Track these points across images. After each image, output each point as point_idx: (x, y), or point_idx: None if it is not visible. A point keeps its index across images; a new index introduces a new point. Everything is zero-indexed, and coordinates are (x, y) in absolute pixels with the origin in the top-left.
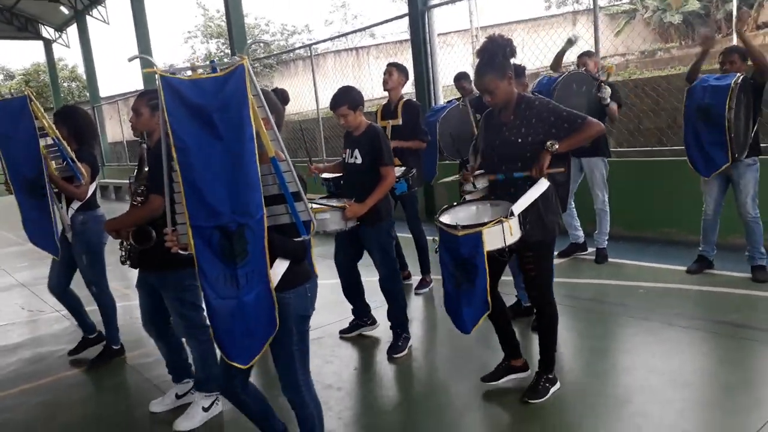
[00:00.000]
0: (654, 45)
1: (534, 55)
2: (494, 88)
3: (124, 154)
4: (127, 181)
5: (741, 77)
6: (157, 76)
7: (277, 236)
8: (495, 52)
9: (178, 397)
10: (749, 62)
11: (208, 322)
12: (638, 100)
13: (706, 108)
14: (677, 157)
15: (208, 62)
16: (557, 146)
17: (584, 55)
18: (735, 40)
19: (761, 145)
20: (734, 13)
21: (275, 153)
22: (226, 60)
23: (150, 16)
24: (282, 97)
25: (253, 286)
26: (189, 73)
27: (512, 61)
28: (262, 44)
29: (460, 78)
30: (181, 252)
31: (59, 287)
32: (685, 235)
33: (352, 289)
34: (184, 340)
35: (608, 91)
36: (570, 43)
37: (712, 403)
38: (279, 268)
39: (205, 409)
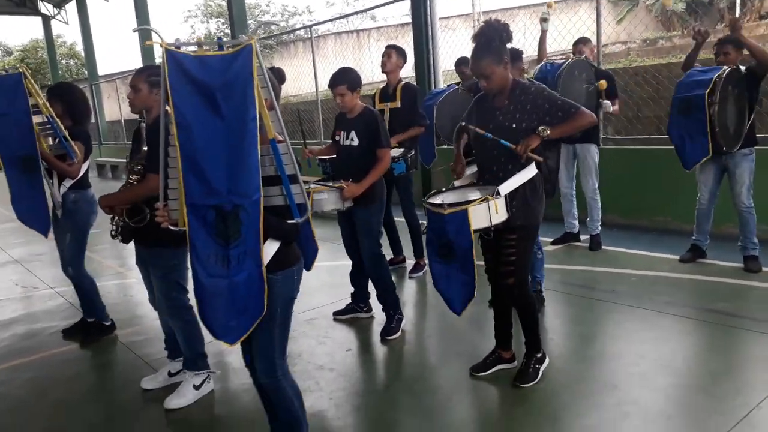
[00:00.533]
0: (656, 33)
1: (536, 40)
2: (490, 73)
3: (121, 133)
4: (125, 160)
5: (728, 70)
6: (162, 49)
7: (271, 218)
8: (491, 37)
9: (170, 375)
10: (745, 52)
11: (190, 303)
12: (638, 88)
13: (688, 101)
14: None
15: (213, 40)
16: (549, 132)
17: (579, 42)
18: None
19: (758, 135)
20: (738, 1)
21: (274, 135)
22: (229, 40)
23: None
24: (278, 75)
25: (245, 267)
26: (194, 49)
27: (509, 45)
28: (263, 25)
29: (461, 63)
30: (172, 228)
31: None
32: (679, 224)
33: (358, 274)
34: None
35: (608, 104)
36: (544, 21)
37: (699, 389)
38: (269, 249)
39: (197, 387)
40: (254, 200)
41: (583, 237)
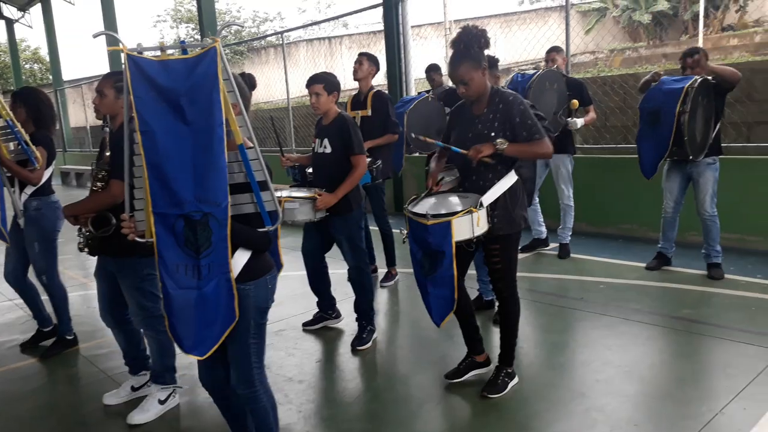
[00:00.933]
0: (623, 44)
1: (506, 50)
2: (469, 79)
3: (87, 140)
4: (90, 167)
5: (699, 80)
6: (123, 54)
7: (240, 226)
8: (470, 43)
9: (133, 389)
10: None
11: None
12: (606, 98)
13: (657, 110)
14: None
15: (178, 43)
16: (505, 147)
17: (553, 51)
18: (701, 42)
19: (722, 145)
20: (701, 14)
21: (243, 140)
22: (194, 43)
23: None
24: (249, 81)
25: (213, 277)
26: (158, 53)
27: (486, 52)
28: (233, 29)
29: (431, 70)
30: (139, 240)
31: (15, 276)
32: (646, 232)
33: (318, 282)
34: (142, 330)
35: (575, 122)
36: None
37: (664, 395)
38: (240, 259)
39: (162, 402)
40: (223, 207)
41: (551, 244)
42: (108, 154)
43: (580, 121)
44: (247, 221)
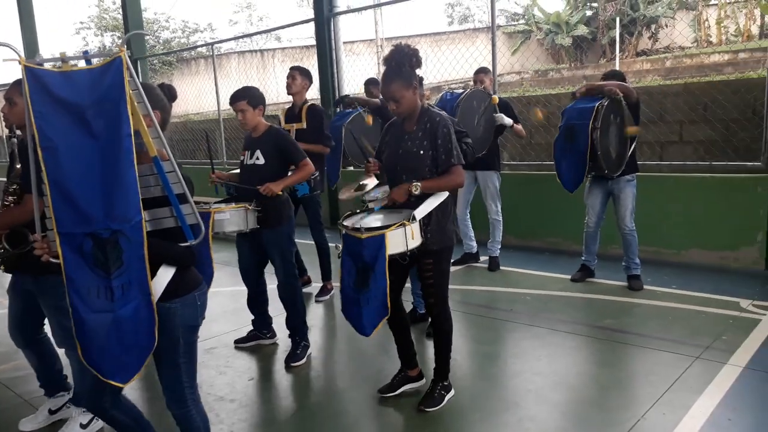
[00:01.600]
0: (547, 65)
1: (436, 68)
2: (400, 97)
3: (1, 150)
4: (3, 179)
5: (609, 100)
6: (21, 66)
7: (160, 242)
8: (402, 62)
9: (51, 412)
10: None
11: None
12: (531, 117)
13: (572, 127)
14: None
15: (80, 53)
16: (419, 188)
17: (480, 72)
18: (617, 65)
19: (649, 162)
20: (617, 39)
21: (158, 152)
22: (100, 52)
23: (37, 2)
24: (169, 93)
25: (131, 298)
26: (59, 64)
27: (417, 71)
28: (161, 39)
29: (370, 83)
30: (53, 260)
31: None
32: (570, 245)
33: (256, 299)
34: (62, 351)
35: (501, 117)
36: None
37: (591, 403)
38: (163, 276)
39: (84, 426)
40: (135, 224)
41: (481, 257)
42: (19, 166)
43: (508, 120)
44: (168, 235)
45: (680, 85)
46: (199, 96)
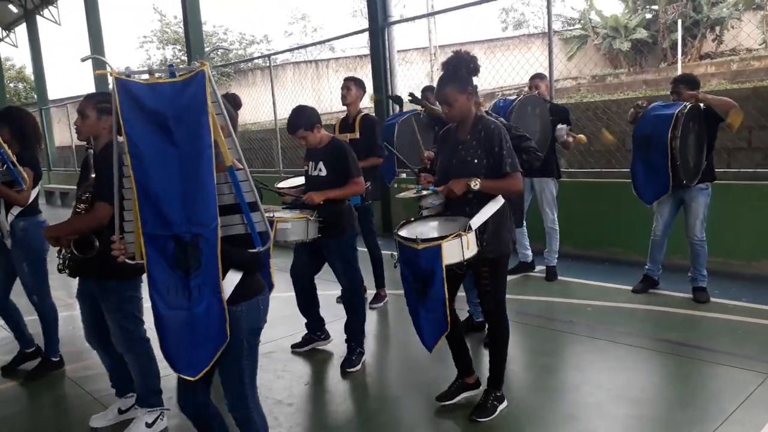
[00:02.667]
0: (604, 70)
1: (490, 75)
2: (453, 101)
3: (72, 159)
4: (75, 187)
5: (689, 106)
6: (111, 78)
7: (230, 247)
8: (459, 66)
9: (120, 412)
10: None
11: (147, 335)
12: (589, 123)
13: (649, 137)
14: (626, 179)
15: (165, 66)
16: (478, 185)
17: (536, 78)
18: (680, 69)
19: (716, 170)
20: (679, 42)
21: (232, 162)
22: (182, 66)
23: (104, 18)
24: (234, 102)
25: (204, 297)
26: (145, 76)
27: (474, 79)
28: (220, 51)
29: (426, 90)
30: (129, 261)
31: None
32: (631, 255)
33: (307, 303)
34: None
35: (564, 129)
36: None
37: (655, 419)
38: (231, 281)
39: (149, 425)
40: (212, 228)
41: (538, 267)
42: (93, 176)
43: (564, 128)
44: (237, 242)
45: (749, 89)
46: (255, 106)
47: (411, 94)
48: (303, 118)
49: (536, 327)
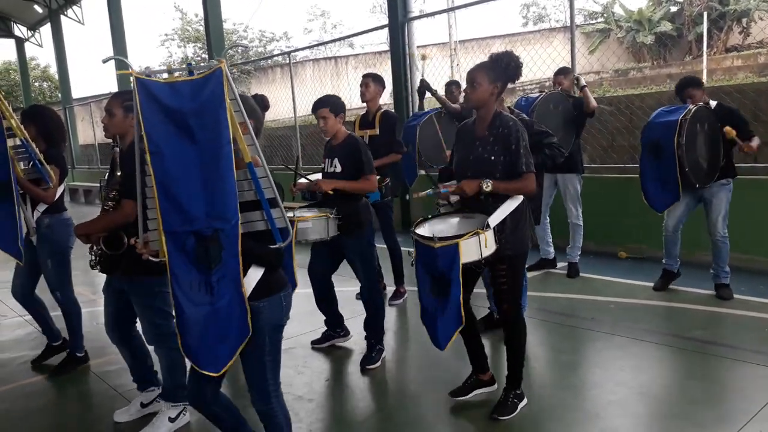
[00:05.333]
0: (628, 64)
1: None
2: (478, 83)
3: (95, 157)
4: (98, 185)
5: (693, 110)
6: (132, 78)
7: (252, 243)
8: (501, 58)
9: (143, 406)
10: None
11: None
12: (612, 118)
13: (657, 145)
14: None
15: (184, 65)
16: (490, 187)
17: (559, 73)
18: (705, 63)
19: (742, 165)
20: (705, 35)
21: (252, 158)
22: (202, 64)
23: (126, 16)
24: (262, 103)
25: (225, 293)
26: (165, 75)
27: (509, 85)
28: (240, 49)
29: (451, 84)
30: (152, 259)
31: (24, 292)
32: (655, 252)
33: (325, 300)
34: (152, 348)
35: (581, 80)
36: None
37: (679, 417)
38: (253, 276)
39: (172, 420)
40: (233, 224)
41: (559, 263)
42: (119, 174)
43: (583, 79)
44: (258, 238)
45: None
46: (275, 103)
47: (422, 81)
48: (332, 100)
49: (557, 324)
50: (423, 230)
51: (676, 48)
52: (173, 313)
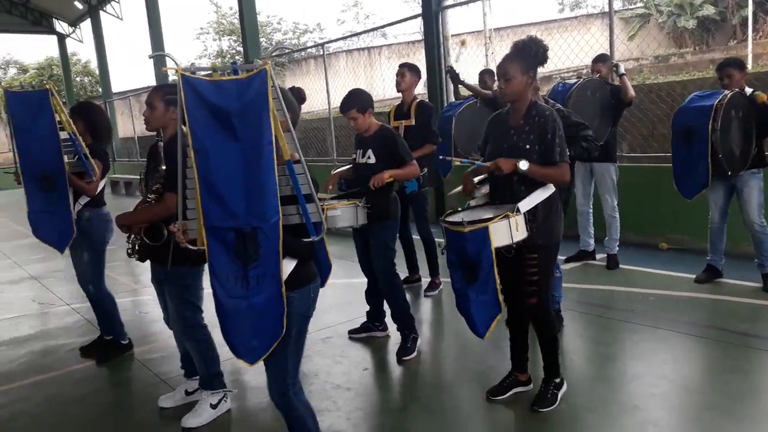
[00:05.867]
0: (668, 50)
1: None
2: (511, 77)
3: (135, 150)
4: (138, 177)
5: (729, 95)
6: (178, 74)
7: (287, 236)
8: (529, 47)
9: (187, 393)
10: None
11: (205, 322)
12: (653, 105)
13: (689, 130)
14: None
15: (229, 64)
16: (527, 167)
17: (598, 61)
18: (750, 47)
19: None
20: (750, 18)
21: (291, 155)
22: (240, 61)
23: (162, 11)
24: (299, 96)
25: (264, 288)
26: (209, 73)
27: (539, 69)
28: (274, 41)
29: (484, 73)
30: (190, 247)
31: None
32: (696, 243)
33: (373, 291)
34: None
35: (620, 67)
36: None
37: (722, 411)
38: (286, 267)
39: (213, 406)
40: (273, 223)
41: (598, 255)
42: (163, 167)
43: (622, 66)
44: (292, 231)
45: None
46: (309, 95)
47: (449, 68)
48: (356, 99)
49: (596, 316)
50: (452, 218)
51: (719, 32)
52: (202, 307)
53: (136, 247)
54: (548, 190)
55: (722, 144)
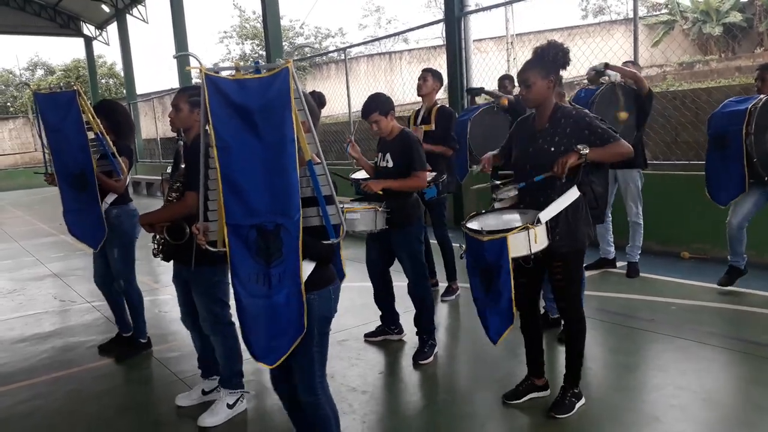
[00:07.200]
0: (693, 57)
1: (570, 64)
2: (531, 83)
3: (157, 151)
4: (160, 178)
5: (764, 100)
6: (201, 74)
7: (307, 238)
8: (547, 51)
9: (204, 393)
10: None
11: (232, 319)
12: (676, 113)
13: (723, 136)
14: None
15: (251, 63)
16: (587, 151)
17: (504, 79)
18: None
19: None
20: None
21: (311, 156)
22: (262, 61)
23: (187, 15)
24: (319, 100)
25: (284, 287)
26: (232, 72)
27: (561, 72)
28: (296, 44)
29: (504, 78)
30: (210, 248)
31: (104, 281)
32: (719, 252)
33: (382, 296)
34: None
35: (615, 75)
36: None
37: (745, 424)
38: (306, 269)
39: (230, 406)
40: (295, 220)
41: (619, 263)
42: (183, 166)
43: (613, 74)
44: (312, 233)
45: None
46: (330, 99)
47: (469, 90)
48: (378, 103)
49: (616, 325)
50: (474, 224)
51: (746, 39)
52: (229, 303)
53: (161, 247)
54: (572, 196)
55: (757, 148)
